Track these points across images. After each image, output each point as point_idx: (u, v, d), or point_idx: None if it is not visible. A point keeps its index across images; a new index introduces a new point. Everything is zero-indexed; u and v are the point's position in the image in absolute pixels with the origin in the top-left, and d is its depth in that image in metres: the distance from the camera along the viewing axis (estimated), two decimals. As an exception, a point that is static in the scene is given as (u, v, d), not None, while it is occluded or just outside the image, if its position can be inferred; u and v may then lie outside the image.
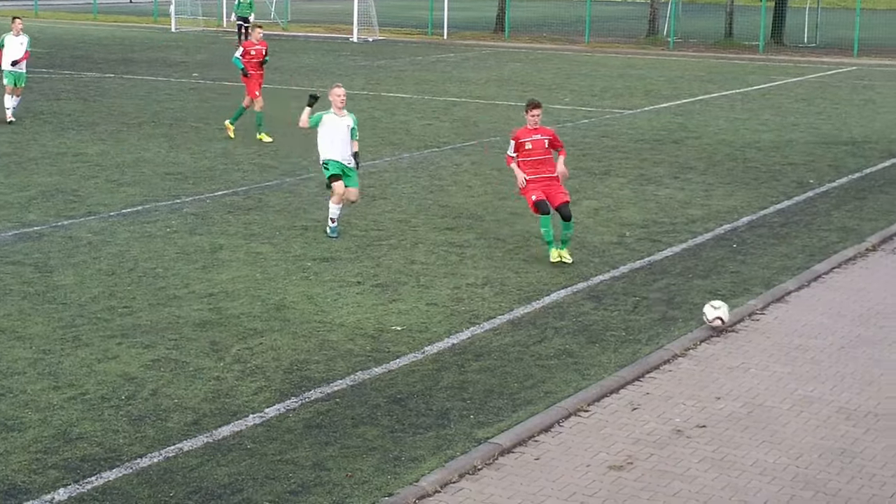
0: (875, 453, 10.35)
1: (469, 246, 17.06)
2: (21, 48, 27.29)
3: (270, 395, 11.33)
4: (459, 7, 67.50)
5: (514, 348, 12.82)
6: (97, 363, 12.06)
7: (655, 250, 17.09)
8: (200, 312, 13.76)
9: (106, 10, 66.32)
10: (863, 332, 13.66)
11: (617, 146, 25.93)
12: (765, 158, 24.79)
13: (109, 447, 10.12)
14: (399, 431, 10.60)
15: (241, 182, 21.23)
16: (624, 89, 36.95)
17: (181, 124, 27.83)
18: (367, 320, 13.62)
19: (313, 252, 16.52)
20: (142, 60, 43.04)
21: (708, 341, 13.27)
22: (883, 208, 20.18)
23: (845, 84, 39.66)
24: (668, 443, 10.52)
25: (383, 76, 39.40)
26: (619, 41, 55.51)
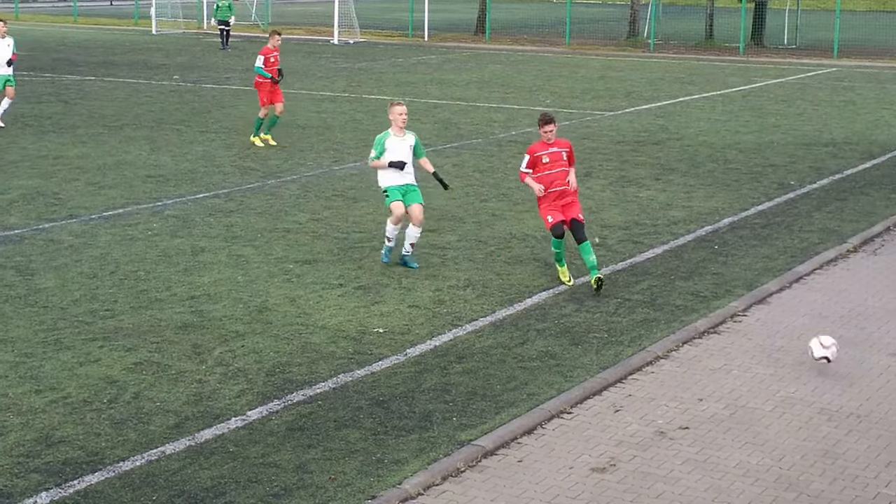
0: (857, 454, 10.38)
1: (451, 248, 17.05)
2: (8, 50, 27.21)
3: (253, 398, 11.30)
4: (440, 9, 67.55)
5: (496, 350, 12.82)
6: (79, 366, 12.02)
7: (637, 252, 17.12)
8: (182, 315, 13.73)
9: (86, 13, 66.12)
10: (844, 333, 13.70)
11: (598, 148, 25.96)
12: (746, 160, 24.85)
13: (91, 450, 10.08)
14: (382, 434, 10.59)
15: (223, 184, 21.19)
16: (605, 91, 37.00)
17: (162, 127, 27.77)
18: (350, 322, 13.61)
19: (295, 254, 16.50)
20: (122, 63, 42.93)
21: (690, 343, 13.30)
22: (863, 209, 20.25)
23: (825, 85, 39.80)
24: (650, 444, 10.53)
25: (364, 78, 39.38)
26: (599, 43, 55.59)
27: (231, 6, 49.46)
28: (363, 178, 21.90)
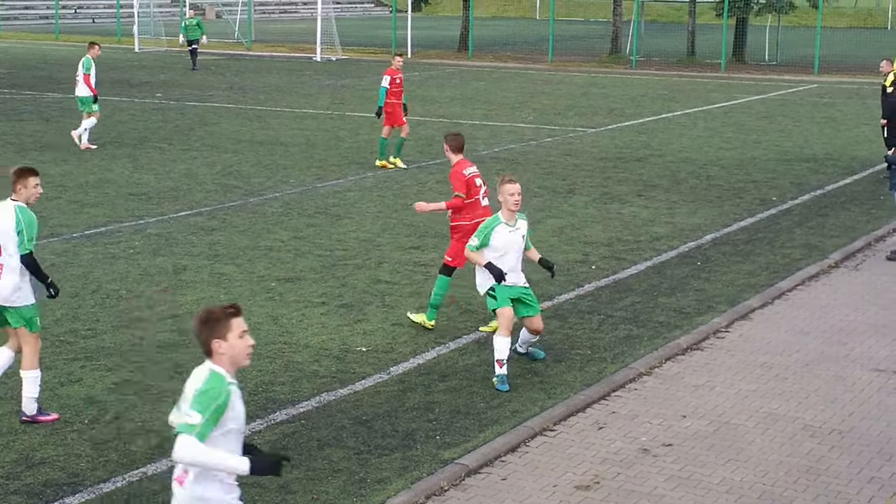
0: (840, 470, 10.39)
1: (434, 265, 17.02)
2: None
3: (235, 418, 11.24)
4: (423, 26, 67.65)
5: (480, 368, 12.80)
6: (60, 386, 11.96)
7: (620, 268, 17.13)
8: (164, 334, 13.67)
9: (68, 31, 66.02)
10: (826, 350, 13.72)
11: (580, 164, 26.00)
12: (728, 176, 24.91)
13: (72, 472, 10.03)
14: (365, 453, 10.56)
15: (205, 202, 21.15)
16: (587, 108, 37.07)
17: (144, 144, 27.71)
18: (333, 341, 13.58)
19: (277, 272, 16.46)
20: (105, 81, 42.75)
21: (673, 359, 13.30)
22: (845, 225, 20.31)
23: (806, 101, 39.95)
24: (634, 462, 10.52)
25: (347, 95, 39.38)
26: (582, 60, 55.71)
27: (200, 24, 49.31)
28: (346, 196, 21.89)
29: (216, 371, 6.78)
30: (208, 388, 6.67)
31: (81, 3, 77.47)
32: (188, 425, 6.58)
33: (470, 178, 13.79)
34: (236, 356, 6.84)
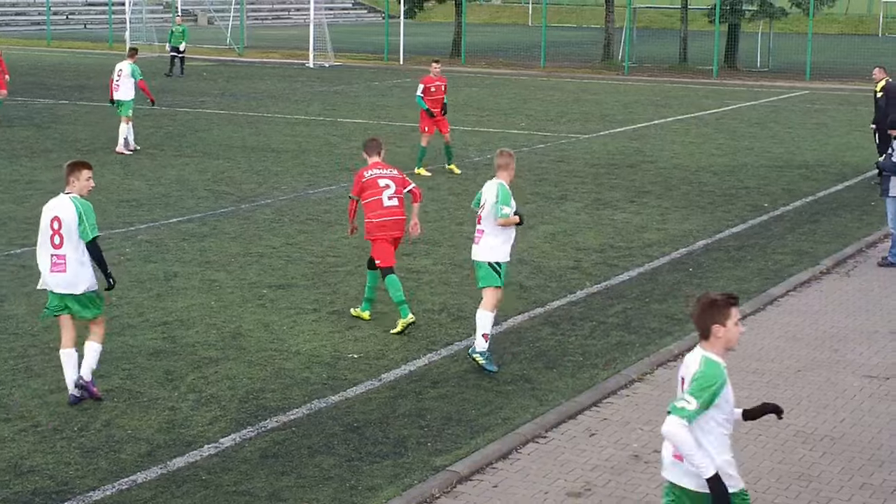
0: (832, 477, 10.38)
1: (426, 272, 17.01)
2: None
3: (226, 425, 11.23)
4: (415, 32, 67.66)
5: (471, 375, 12.77)
6: (49, 394, 11.92)
7: (612, 275, 17.11)
8: (154, 341, 13.65)
9: (60, 37, 65.93)
10: (818, 356, 13.72)
11: (573, 171, 25.99)
12: (719, 182, 24.92)
13: (61, 480, 9.99)
14: (356, 460, 10.53)
15: (196, 209, 21.11)
16: (579, 114, 37.08)
17: (136, 151, 27.63)
18: (324, 348, 13.55)
19: (269, 279, 16.43)
20: (96, 87, 42.76)
21: (665, 366, 13.28)
22: (836, 231, 20.32)
23: (798, 108, 39.99)
24: (626, 469, 10.50)
25: (340, 101, 39.36)
26: (574, 66, 55.74)
27: (185, 32, 49.19)
28: (337, 202, 21.85)
29: (710, 357, 7.45)
30: (704, 374, 7.33)
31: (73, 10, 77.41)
32: (681, 408, 7.20)
33: (370, 179, 14.25)
34: (730, 341, 7.51)
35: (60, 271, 11.61)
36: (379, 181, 14.28)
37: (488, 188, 13.06)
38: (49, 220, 11.67)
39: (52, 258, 11.60)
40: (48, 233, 11.64)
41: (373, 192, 14.24)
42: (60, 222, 11.58)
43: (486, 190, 13.07)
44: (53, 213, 11.66)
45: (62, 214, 11.59)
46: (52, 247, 11.60)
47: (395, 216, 14.26)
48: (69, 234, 11.56)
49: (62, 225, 11.57)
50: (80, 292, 11.64)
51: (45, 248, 11.67)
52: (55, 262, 11.60)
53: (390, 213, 14.19)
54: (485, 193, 13.05)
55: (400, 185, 14.39)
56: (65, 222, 11.56)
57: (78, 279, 11.61)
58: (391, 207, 14.23)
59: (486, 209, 12.96)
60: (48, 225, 11.66)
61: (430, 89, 25.05)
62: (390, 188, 14.26)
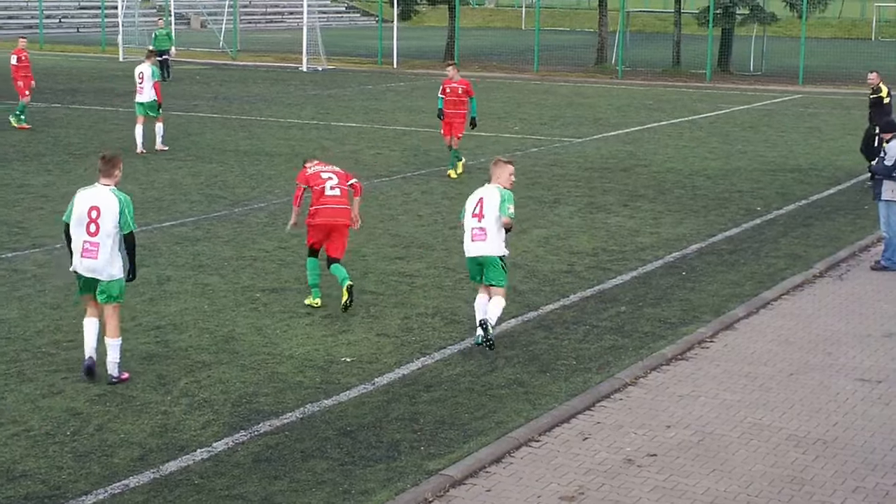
0: (824, 480, 10.38)
1: (419, 276, 17.01)
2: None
3: (218, 429, 11.21)
4: (409, 36, 67.67)
5: (464, 378, 12.77)
6: (42, 398, 11.90)
7: (605, 278, 17.11)
8: (147, 345, 13.63)
9: (52, 40, 65.86)
10: (811, 359, 13.72)
11: (566, 174, 26.00)
12: (713, 186, 24.94)
13: (54, 484, 9.97)
14: (349, 464, 10.51)
15: (189, 213, 21.09)
16: (573, 118, 37.10)
17: (128, 154, 27.58)
18: (317, 352, 13.54)
19: (262, 283, 16.42)
20: (89, 90, 42.76)
21: (658, 370, 13.29)
22: (829, 235, 20.34)
23: (791, 112, 40.03)
24: (619, 472, 10.49)
25: (333, 105, 39.35)
26: (567, 70, 55.77)
27: (170, 35, 49.12)
28: (331, 206, 21.82)
29: None
30: None
31: (66, 13, 77.34)
32: None
33: (314, 173, 15.47)
34: None
35: (92, 258, 12.17)
36: (322, 174, 15.41)
37: (486, 191, 13.94)
38: (87, 208, 12.17)
39: (84, 244, 12.16)
40: (85, 220, 12.16)
41: (316, 184, 15.31)
42: (99, 212, 12.13)
43: (484, 192, 13.95)
44: (92, 202, 12.18)
45: (102, 205, 12.16)
46: (86, 234, 12.15)
47: (336, 204, 15.24)
48: (106, 223, 12.13)
49: (100, 214, 12.13)
50: (105, 279, 12.22)
51: (80, 233, 12.19)
52: (87, 248, 12.16)
53: (331, 202, 15.21)
54: (479, 196, 13.96)
55: (343, 178, 15.47)
56: (104, 212, 12.13)
57: (106, 267, 12.19)
58: (332, 196, 15.23)
59: (489, 209, 13.75)
60: (86, 213, 12.16)
61: (447, 90, 25.47)
62: (332, 180, 15.33)
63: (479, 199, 13.89)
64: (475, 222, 13.88)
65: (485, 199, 13.87)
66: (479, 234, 13.83)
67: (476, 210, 13.89)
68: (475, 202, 13.94)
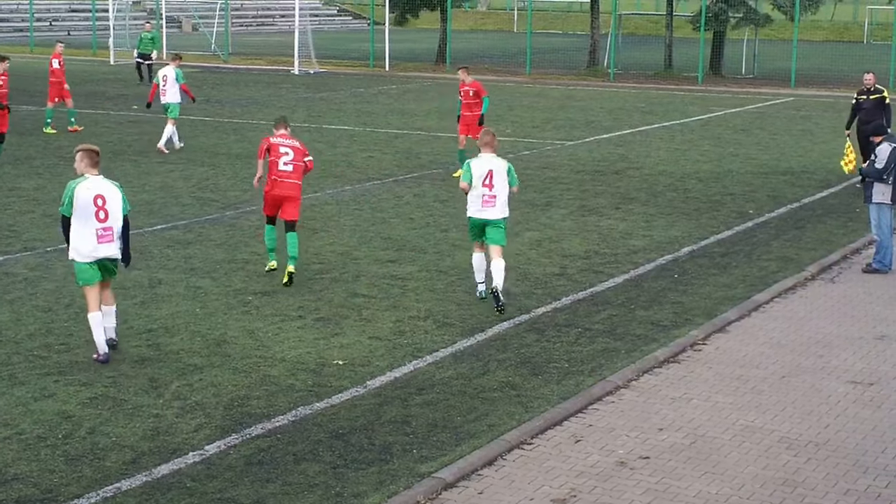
0: (816, 482, 10.39)
1: (411, 278, 17.01)
2: None
3: (211, 432, 11.20)
4: (401, 39, 67.68)
5: (456, 381, 12.77)
6: (33, 401, 11.88)
7: (597, 281, 17.12)
8: (139, 349, 13.61)
9: (43, 43, 65.76)
10: (803, 362, 13.74)
11: (558, 177, 26.02)
12: (705, 189, 24.96)
13: (46, 488, 9.95)
14: (341, 467, 10.51)
15: (181, 216, 21.07)
16: (565, 120, 37.11)
17: (120, 158, 27.59)
18: (309, 355, 13.53)
19: (254, 286, 16.40)
20: (80, 93, 42.59)
21: (650, 372, 13.29)
22: (821, 237, 20.36)
23: (783, 114, 40.08)
24: (611, 475, 10.49)
25: (325, 108, 39.35)
26: (559, 72, 55.80)
27: (155, 39, 49.03)
28: (323, 209, 21.84)
29: None
30: None
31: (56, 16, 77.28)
32: None
33: (275, 144, 16.72)
34: None
35: (109, 241, 13.16)
36: (280, 148, 16.69)
37: (494, 163, 15.70)
38: (93, 197, 13.00)
39: (98, 231, 13.04)
40: (93, 209, 12.99)
41: (274, 156, 16.66)
42: (105, 199, 13.08)
43: (493, 164, 15.68)
44: (96, 191, 13.06)
45: (106, 193, 13.13)
46: (97, 221, 13.02)
47: (287, 179, 16.64)
48: (114, 209, 13.15)
49: (107, 201, 13.08)
50: (117, 257, 13.38)
51: (90, 222, 12.99)
52: (103, 234, 13.08)
53: (283, 176, 16.62)
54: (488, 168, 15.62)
55: (299, 155, 16.74)
56: (110, 199, 13.13)
57: (117, 247, 13.32)
58: (285, 171, 16.62)
59: (499, 179, 15.61)
60: (92, 202, 12.99)
61: (461, 93, 26.30)
62: (288, 155, 16.65)
63: (490, 171, 15.58)
64: (486, 191, 15.58)
65: (494, 171, 15.61)
66: (490, 201, 15.58)
67: (486, 180, 15.57)
68: (485, 172, 15.58)
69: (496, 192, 15.57)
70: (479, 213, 15.62)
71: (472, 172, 15.60)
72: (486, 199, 15.57)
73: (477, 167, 15.64)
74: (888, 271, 18.07)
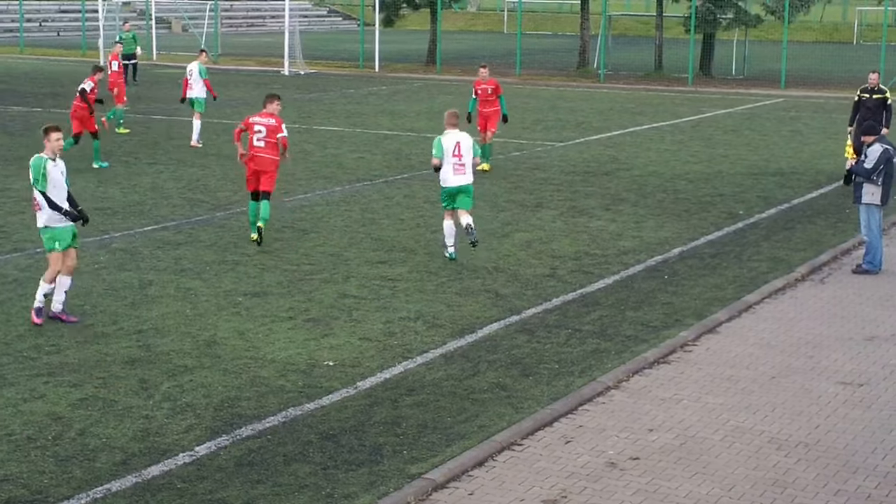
0: (806, 483, 10.41)
1: (401, 279, 17.00)
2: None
3: (201, 433, 11.19)
4: (391, 40, 67.67)
5: (447, 382, 12.77)
6: (23, 403, 11.86)
7: (588, 282, 17.13)
8: (129, 350, 13.59)
9: (33, 44, 65.71)
10: (793, 362, 13.76)
11: (548, 178, 26.03)
12: (695, 190, 24.99)
13: (36, 489, 9.93)
14: (331, 468, 10.50)
15: (171, 217, 21.05)
16: (555, 121, 37.13)
17: (110, 158, 27.55)
18: (299, 355, 13.52)
19: (244, 287, 16.39)
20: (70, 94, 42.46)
21: (640, 373, 13.31)
22: (811, 238, 20.40)
23: (773, 115, 40.14)
24: (601, 476, 10.50)
25: (315, 109, 39.33)
26: (549, 73, 55.83)
27: (136, 38, 49.00)
28: (313, 210, 21.83)
29: None
30: None
31: (46, 17, 77.16)
32: None
33: (251, 122, 18.94)
34: None
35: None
36: (255, 126, 18.80)
37: (460, 136, 18.05)
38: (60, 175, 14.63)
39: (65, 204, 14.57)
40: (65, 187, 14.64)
41: (250, 132, 18.81)
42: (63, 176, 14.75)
43: (459, 137, 18.02)
44: (62, 168, 14.74)
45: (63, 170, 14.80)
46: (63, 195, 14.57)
47: (259, 154, 18.73)
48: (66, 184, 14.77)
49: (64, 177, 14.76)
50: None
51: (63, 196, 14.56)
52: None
53: (256, 151, 18.76)
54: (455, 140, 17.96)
55: (272, 131, 18.73)
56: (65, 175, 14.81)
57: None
58: (257, 147, 18.73)
59: (465, 149, 17.95)
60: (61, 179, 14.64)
61: (478, 91, 27.11)
62: (261, 133, 18.72)
63: (458, 143, 17.95)
64: (456, 160, 17.92)
65: (461, 143, 18.00)
66: (461, 169, 17.95)
67: (456, 151, 17.92)
68: (454, 145, 17.94)
69: (465, 160, 17.93)
70: (453, 182, 17.91)
71: (443, 147, 17.93)
72: (457, 166, 17.91)
73: (447, 142, 17.98)
74: (878, 272, 18.11)
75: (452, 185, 17.93)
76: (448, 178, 17.96)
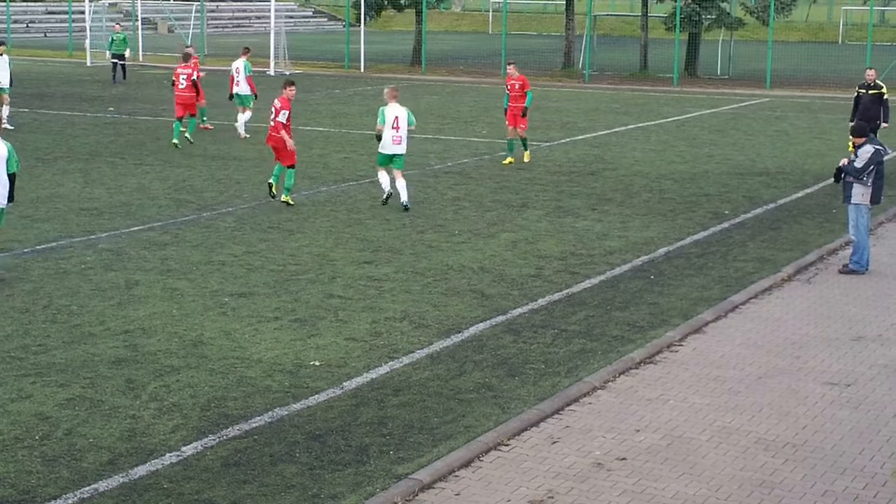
0: (793, 484, 10.43)
1: (387, 280, 17.00)
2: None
3: (187, 433, 11.17)
4: (376, 41, 67.64)
5: (433, 383, 12.77)
6: (10, 403, 11.83)
7: (574, 282, 17.15)
8: (116, 350, 13.56)
9: (20, 44, 65.52)
10: (779, 363, 13.79)
11: (534, 178, 26.04)
12: (680, 189, 25.03)
13: (23, 489, 9.91)
14: (318, 468, 10.50)
15: (158, 217, 21.02)
16: (540, 122, 37.12)
17: (96, 159, 27.52)
18: (286, 356, 13.51)
19: (231, 287, 16.37)
20: (57, 95, 42.57)
21: (627, 374, 13.32)
22: (797, 238, 20.44)
23: (758, 115, 40.22)
24: (588, 476, 10.51)
25: (300, 109, 39.23)
26: (534, 73, 55.79)
27: (126, 39, 48.99)
28: (299, 210, 21.82)
29: None
30: None
31: (33, 18, 76.95)
32: None
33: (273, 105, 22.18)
34: None
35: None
36: (273, 107, 22.11)
37: (398, 109, 21.79)
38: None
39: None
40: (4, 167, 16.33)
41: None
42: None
43: (398, 110, 21.74)
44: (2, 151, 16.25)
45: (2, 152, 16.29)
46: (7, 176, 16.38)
47: (271, 132, 22.18)
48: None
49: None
50: None
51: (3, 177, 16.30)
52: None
53: (270, 130, 22.20)
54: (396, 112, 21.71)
55: (276, 112, 21.95)
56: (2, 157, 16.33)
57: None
58: (270, 126, 22.20)
59: (402, 122, 21.66)
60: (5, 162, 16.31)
61: (508, 87, 28.40)
62: (272, 114, 22.07)
63: (396, 116, 21.61)
64: (394, 132, 21.63)
65: (399, 117, 21.67)
66: (398, 139, 21.71)
67: (394, 123, 21.58)
68: (393, 118, 21.59)
69: (401, 133, 21.66)
70: (389, 150, 21.71)
71: (385, 118, 21.58)
72: (395, 138, 21.63)
73: (388, 114, 21.65)
74: (864, 272, 18.15)
75: (388, 151, 21.70)
76: (386, 146, 21.62)
